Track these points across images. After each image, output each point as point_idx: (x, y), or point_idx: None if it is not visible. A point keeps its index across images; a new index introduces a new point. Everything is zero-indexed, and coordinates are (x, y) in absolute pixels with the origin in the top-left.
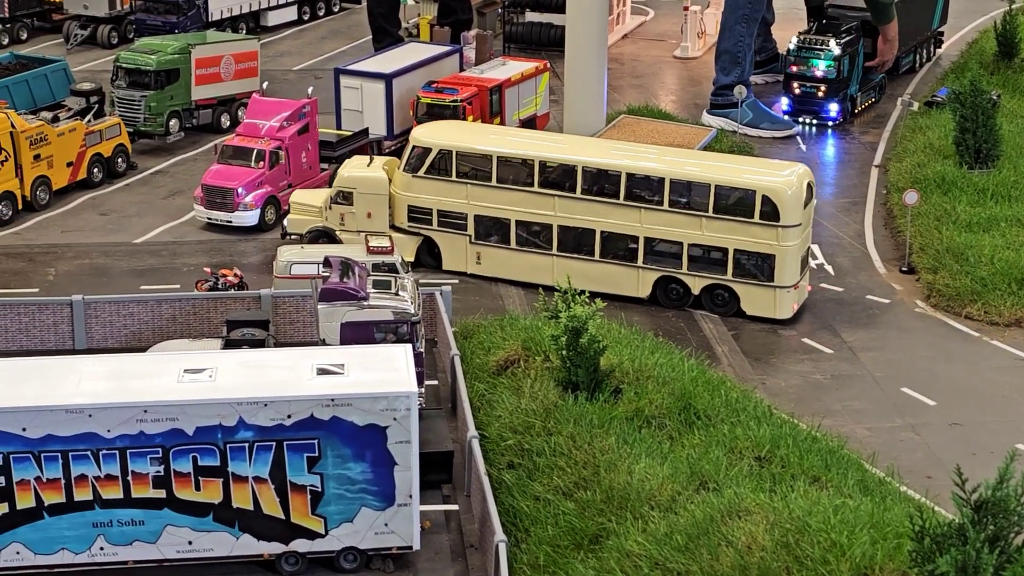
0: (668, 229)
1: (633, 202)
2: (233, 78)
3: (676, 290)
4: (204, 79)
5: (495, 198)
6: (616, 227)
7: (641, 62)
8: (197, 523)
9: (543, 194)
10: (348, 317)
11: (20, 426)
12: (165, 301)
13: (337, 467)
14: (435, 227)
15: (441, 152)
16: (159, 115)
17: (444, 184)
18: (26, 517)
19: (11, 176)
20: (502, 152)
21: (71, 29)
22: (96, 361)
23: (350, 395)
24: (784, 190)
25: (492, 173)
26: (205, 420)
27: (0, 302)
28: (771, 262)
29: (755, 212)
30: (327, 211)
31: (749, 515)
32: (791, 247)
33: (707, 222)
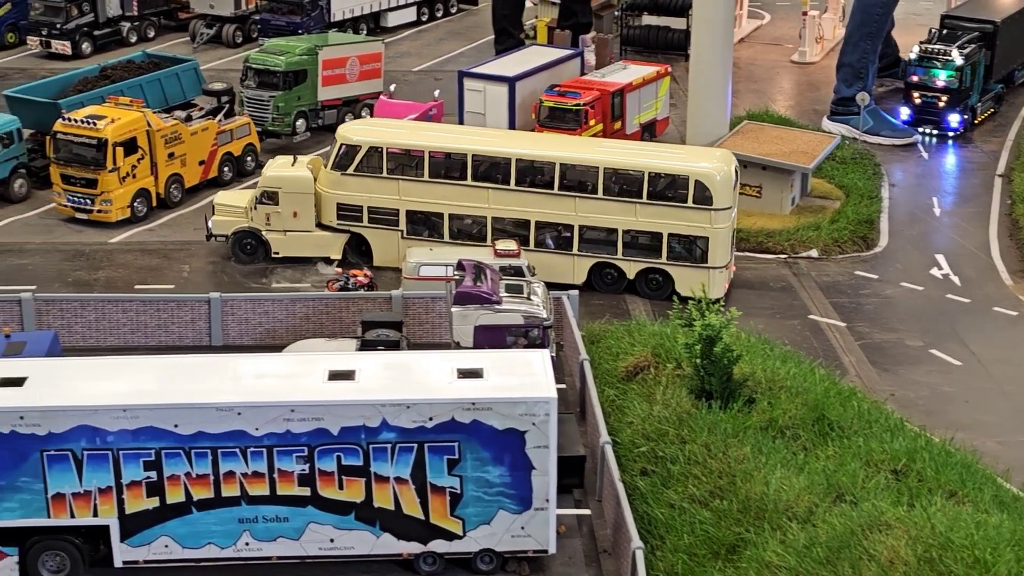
0: (603, 216)
1: (567, 192)
2: (358, 79)
3: (611, 275)
4: (330, 80)
5: (427, 193)
6: (551, 216)
7: (758, 66)
8: (339, 521)
9: (476, 187)
10: (481, 320)
11: (172, 423)
12: (299, 300)
13: (476, 470)
14: (365, 224)
15: (371, 149)
16: (286, 115)
17: (374, 181)
18: (175, 512)
19: (147, 174)
20: (434, 147)
21: (197, 28)
22: (242, 360)
23: (491, 399)
24: (715, 175)
25: (424, 168)
26: (349, 421)
27: (140, 298)
28: (704, 244)
29: (688, 197)
30: (252, 211)
31: (890, 529)
32: (723, 229)
33: (641, 208)
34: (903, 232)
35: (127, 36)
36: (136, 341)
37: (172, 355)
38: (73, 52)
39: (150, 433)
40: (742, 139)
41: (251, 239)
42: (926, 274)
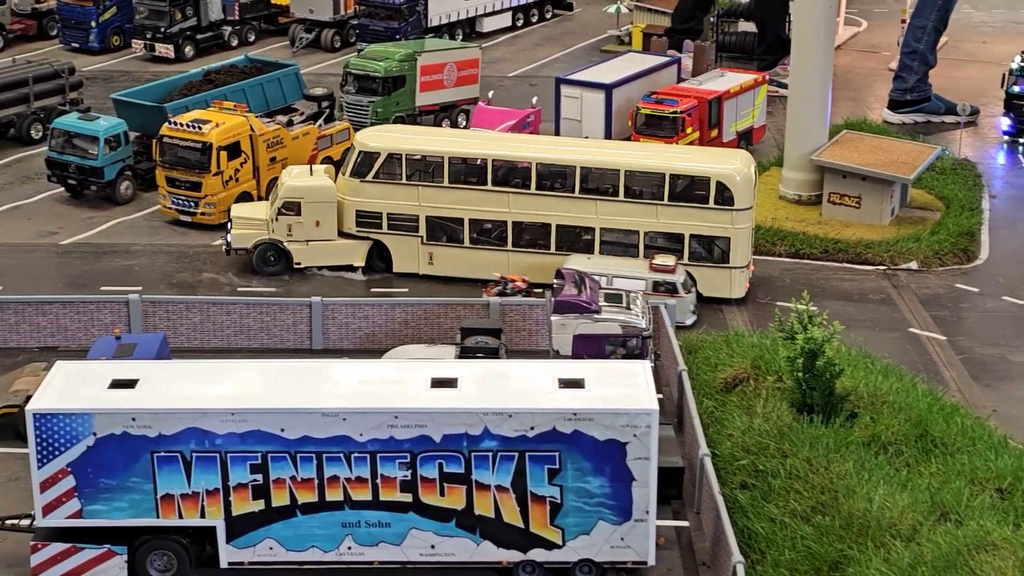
0: (624, 219)
1: (588, 195)
2: (455, 85)
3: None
4: (428, 86)
5: (447, 198)
6: (572, 220)
7: (856, 74)
8: (440, 528)
9: (497, 191)
10: (580, 329)
11: (279, 427)
12: (398, 305)
13: (576, 480)
14: (385, 230)
15: (390, 156)
16: (384, 120)
17: (394, 187)
18: (280, 514)
19: (249, 177)
20: (454, 152)
21: (296, 32)
22: (346, 366)
23: (592, 410)
24: (735, 175)
25: (444, 174)
26: (452, 428)
27: (243, 301)
28: (726, 244)
29: (710, 198)
30: (273, 223)
31: (996, 550)
32: (744, 229)
33: (662, 210)
34: (1004, 245)
35: (228, 40)
36: (239, 343)
37: (275, 359)
38: (176, 55)
39: (257, 437)
40: (841, 148)
41: (273, 251)
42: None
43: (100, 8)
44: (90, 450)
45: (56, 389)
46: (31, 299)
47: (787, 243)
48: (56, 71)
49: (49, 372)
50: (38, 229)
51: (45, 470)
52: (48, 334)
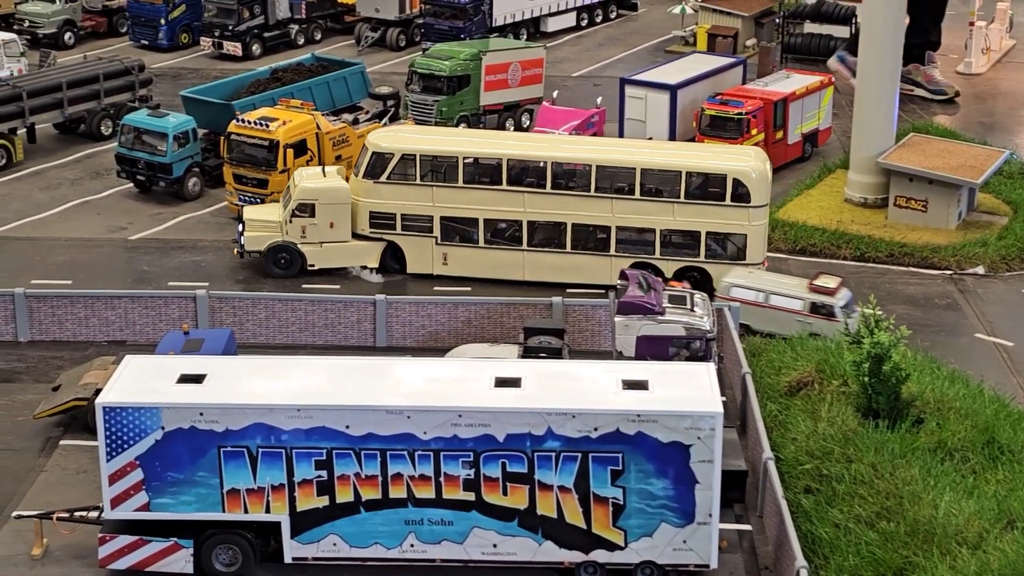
0: (640, 217)
1: (604, 194)
2: (519, 84)
3: None
4: (492, 85)
5: (462, 198)
6: (587, 219)
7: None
8: (503, 527)
9: (512, 191)
10: (644, 331)
11: (344, 423)
12: (461, 304)
13: (639, 482)
14: (399, 231)
15: (403, 156)
16: (449, 119)
17: (408, 188)
18: (344, 511)
19: None
20: (468, 152)
21: (362, 31)
22: (410, 364)
23: (656, 412)
24: (751, 172)
25: (458, 174)
26: (515, 428)
27: (308, 298)
28: (742, 241)
29: (726, 195)
30: (287, 225)
31: None
32: (760, 226)
33: (679, 208)
34: None
35: (295, 38)
36: (304, 340)
37: (340, 356)
38: (244, 53)
39: (322, 433)
40: (908, 152)
41: (285, 253)
42: None
43: (169, 6)
44: (158, 444)
45: (125, 383)
46: (100, 293)
47: (852, 246)
48: (126, 68)
49: (118, 366)
50: (107, 224)
51: (114, 463)
52: (116, 328)
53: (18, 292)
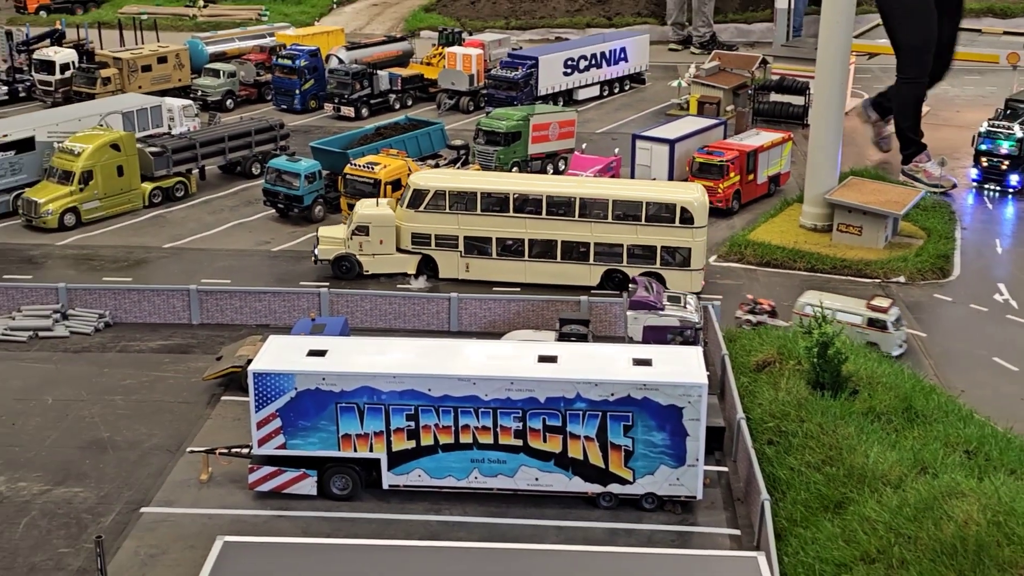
0: (611, 236)
1: (585, 218)
2: (557, 138)
3: (617, 277)
4: (538, 139)
5: (479, 223)
6: (572, 237)
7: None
8: (543, 466)
9: (517, 217)
10: (648, 322)
11: (427, 387)
12: (513, 300)
13: (644, 434)
14: (433, 247)
15: (436, 192)
16: (505, 164)
17: (440, 215)
18: (426, 452)
19: None
20: (484, 189)
21: (441, 99)
22: (475, 344)
23: (658, 382)
24: (694, 202)
25: (477, 204)
26: (553, 393)
27: (402, 295)
28: (687, 253)
29: (676, 219)
30: (349, 241)
31: (964, 497)
32: (701, 241)
33: (640, 228)
34: (972, 265)
35: (393, 104)
36: (398, 325)
37: (424, 338)
38: (355, 115)
39: (411, 395)
40: (848, 190)
41: (346, 262)
42: (990, 298)
43: (302, 80)
44: (292, 400)
45: (269, 355)
46: (251, 290)
47: (805, 260)
48: (271, 125)
49: (264, 343)
50: (256, 239)
51: (260, 414)
52: (262, 316)
53: (192, 288)
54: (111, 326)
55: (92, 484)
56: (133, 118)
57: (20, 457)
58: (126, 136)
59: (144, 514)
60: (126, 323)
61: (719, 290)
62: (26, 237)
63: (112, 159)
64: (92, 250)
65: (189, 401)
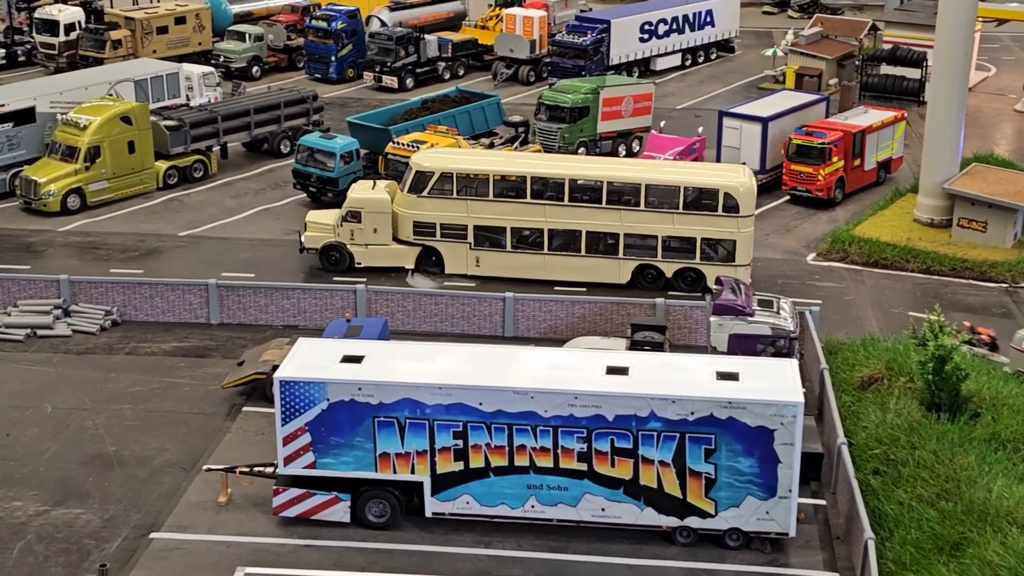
0: (644, 225)
1: (613, 205)
2: (631, 115)
3: (651, 274)
4: (608, 115)
5: (492, 210)
6: (599, 227)
7: (984, 114)
8: (610, 494)
9: (535, 203)
10: (735, 330)
11: (478, 401)
12: (578, 302)
13: (729, 459)
14: (438, 238)
15: (442, 174)
16: (571, 144)
17: (446, 201)
18: (476, 475)
19: None
20: (498, 171)
21: (498, 68)
22: (533, 352)
23: (745, 400)
24: (739, 187)
25: (489, 189)
26: (623, 410)
27: (449, 293)
28: (731, 246)
29: (718, 206)
30: (339, 228)
31: None
32: (748, 232)
33: (677, 217)
34: None
35: (442, 74)
36: (444, 329)
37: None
38: (399, 86)
39: (459, 408)
40: (971, 179)
41: (336, 252)
42: None
43: (339, 46)
44: (324, 413)
45: (298, 361)
46: (278, 285)
47: (919, 261)
48: (302, 97)
49: (292, 347)
50: (284, 227)
51: (287, 428)
52: (290, 315)
53: (211, 282)
54: (119, 324)
55: (96, 505)
56: (147, 87)
57: (15, 473)
58: (138, 107)
59: (154, 540)
60: (136, 321)
61: (818, 294)
62: (24, 222)
63: (122, 134)
64: (99, 237)
65: (206, 412)
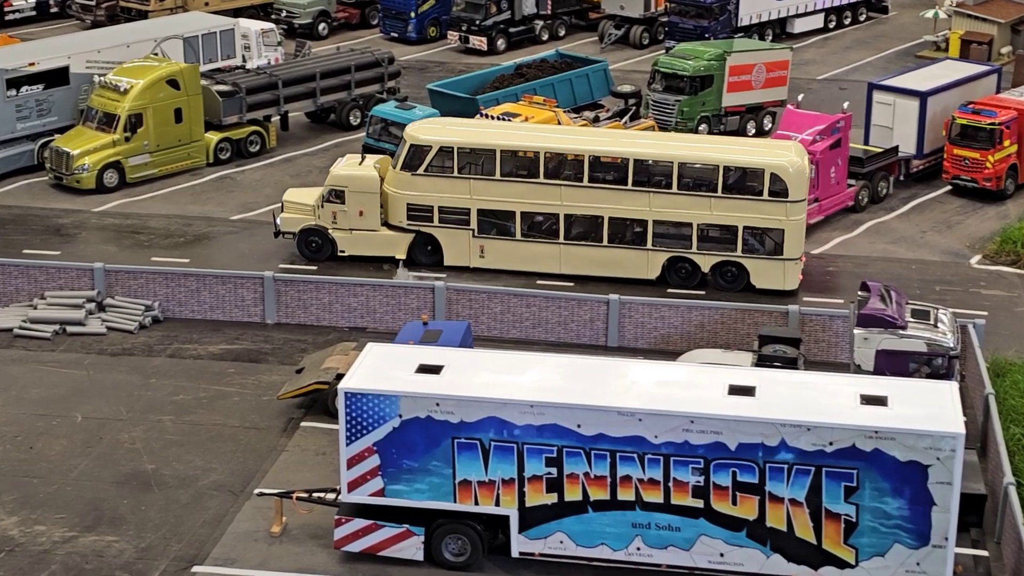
0: (677, 211)
1: (641, 187)
2: (762, 87)
3: (685, 269)
4: (735, 86)
5: (499, 191)
6: (624, 212)
7: None
8: (730, 536)
9: (549, 184)
10: (884, 345)
11: (575, 422)
12: (695, 308)
13: (873, 500)
14: (436, 224)
15: (441, 149)
16: (690, 120)
17: (445, 180)
18: (572, 509)
19: None
20: (506, 145)
21: (606, 28)
22: (642, 366)
23: (894, 429)
24: (788, 167)
25: (496, 167)
26: (748, 437)
27: (543, 294)
28: (779, 236)
29: (764, 190)
30: (319, 209)
31: None
32: (799, 220)
33: (716, 202)
34: None
35: (539, 34)
36: (536, 336)
37: (572, 354)
38: (489, 48)
39: (554, 430)
40: None
41: (317, 237)
42: None
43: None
44: (395, 431)
45: (367, 370)
46: (344, 281)
47: None
48: (377, 60)
49: (360, 353)
50: None
51: (353, 447)
52: (358, 315)
53: (267, 275)
54: (160, 322)
55: (130, 532)
56: (197, 45)
57: (38, 492)
58: (187, 69)
59: (197, 574)
60: (180, 319)
61: (984, 304)
62: (54, 199)
63: (168, 100)
64: (139, 220)
65: (259, 426)
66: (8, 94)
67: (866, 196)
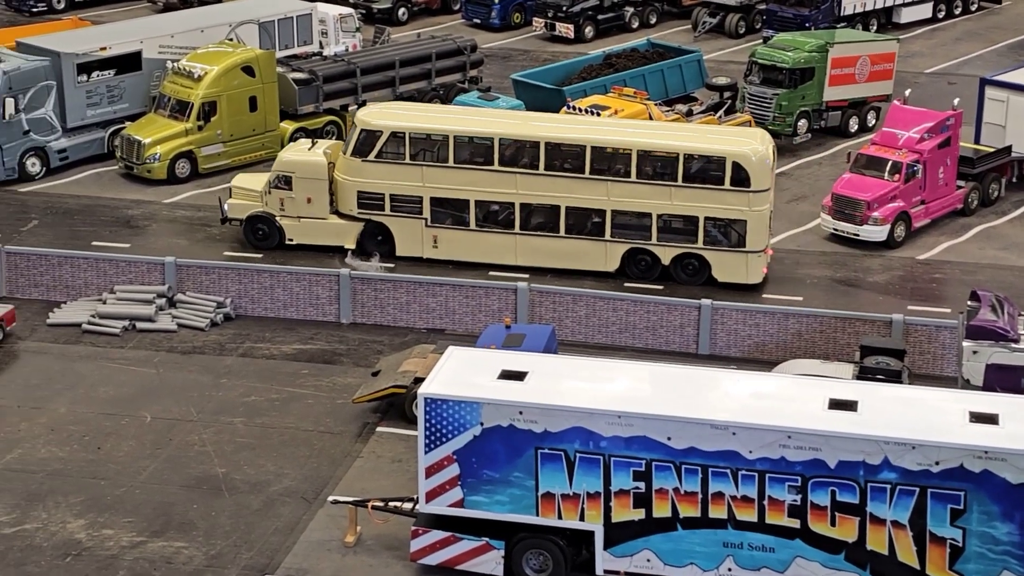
0: (636, 201)
1: (599, 175)
2: (867, 80)
3: (644, 261)
4: (838, 80)
5: (452, 179)
6: (582, 202)
7: None
8: (828, 559)
9: (504, 172)
10: (995, 359)
11: (665, 435)
12: (792, 315)
13: (982, 524)
14: (387, 212)
15: (393, 134)
16: (789, 114)
17: (397, 167)
18: (660, 526)
19: None
20: (460, 131)
21: (700, 16)
22: (737, 376)
23: (1006, 450)
24: (751, 156)
25: (449, 153)
26: (849, 455)
27: (632, 298)
28: (742, 228)
29: (725, 179)
30: (266, 196)
31: None
32: (762, 212)
33: (676, 191)
34: None
35: (629, 22)
36: (623, 341)
37: (661, 362)
38: (576, 36)
39: (642, 443)
40: None
41: (264, 225)
42: None
43: None
44: (476, 440)
45: (447, 374)
46: (423, 280)
47: None
48: (459, 48)
49: (440, 356)
50: None
51: (432, 455)
52: (436, 316)
53: (343, 273)
54: (232, 319)
55: (200, 538)
56: (273, 30)
57: (106, 494)
58: (263, 56)
59: None
60: (253, 316)
61: None
62: (124, 190)
63: (243, 87)
64: (211, 212)
65: (333, 431)
66: (79, 80)
67: (976, 199)
